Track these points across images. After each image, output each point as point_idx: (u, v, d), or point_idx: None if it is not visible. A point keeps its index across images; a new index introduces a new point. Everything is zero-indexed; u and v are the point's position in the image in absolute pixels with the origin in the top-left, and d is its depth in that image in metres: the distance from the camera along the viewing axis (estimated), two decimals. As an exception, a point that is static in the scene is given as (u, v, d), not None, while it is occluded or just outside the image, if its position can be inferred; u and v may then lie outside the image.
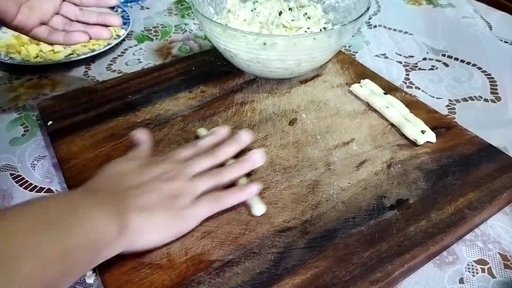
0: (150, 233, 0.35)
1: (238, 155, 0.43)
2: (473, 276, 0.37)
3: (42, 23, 0.48)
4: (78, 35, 0.48)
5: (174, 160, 0.40)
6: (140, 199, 0.35)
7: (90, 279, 0.37)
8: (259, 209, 0.39)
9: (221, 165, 0.41)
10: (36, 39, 0.48)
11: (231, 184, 0.40)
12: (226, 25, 0.57)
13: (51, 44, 0.50)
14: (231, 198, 0.39)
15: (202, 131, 0.48)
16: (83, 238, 0.30)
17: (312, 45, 0.51)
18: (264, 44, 0.50)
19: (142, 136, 0.43)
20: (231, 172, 0.40)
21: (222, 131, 0.44)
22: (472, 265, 0.37)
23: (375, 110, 0.51)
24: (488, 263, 0.38)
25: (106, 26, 0.50)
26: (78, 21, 0.50)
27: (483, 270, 0.37)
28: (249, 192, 0.39)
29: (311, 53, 0.52)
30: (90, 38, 0.49)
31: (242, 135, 0.43)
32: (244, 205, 0.39)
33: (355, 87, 0.54)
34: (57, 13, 0.49)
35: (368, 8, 0.53)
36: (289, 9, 0.60)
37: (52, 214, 0.29)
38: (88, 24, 0.50)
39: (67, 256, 0.29)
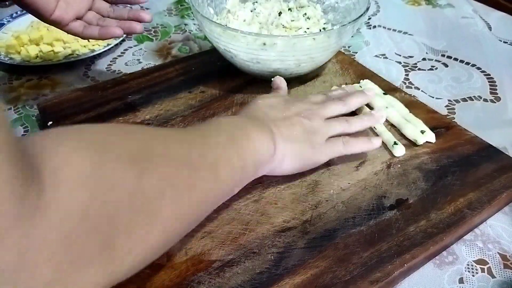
0: (289, 161, 0.40)
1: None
2: (473, 276, 0.37)
3: (77, 18, 0.49)
4: (113, 29, 0.49)
5: (310, 102, 0.45)
6: (286, 130, 0.40)
7: None
8: (400, 149, 0.45)
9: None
10: (72, 33, 0.49)
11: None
12: (226, 25, 0.57)
13: (86, 38, 0.51)
14: (358, 145, 0.43)
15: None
16: (254, 155, 0.37)
17: (311, 45, 0.51)
18: (264, 44, 0.50)
19: (282, 82, 0.50)
20: (358, 123, 0.45)
21: (351, 87, 0.51)
22: (472, 265, 0.38)
23: (374, 110, 0.52)
24: (488, 263, 0.38)
25: (137, 21, 0.51)
26: (109, 17, 0.52)
27: (482, 270, 0.37)
28: (374, 144, 0.44)
29: (310, 54, 0.52)
30: (124, 33, 0.50)
31: (369, 90, 0.49)
32: (245, 205, 0.40)
33: (355, 87, 0.54)
34: (89, 9, 0.50)
35: (367, 9, 0.53)
36: (289, 9, 0.60)
37: (234, 134, 0.37)
38: (120, 19, 0.51)
39: (244, 168, 0.36)
